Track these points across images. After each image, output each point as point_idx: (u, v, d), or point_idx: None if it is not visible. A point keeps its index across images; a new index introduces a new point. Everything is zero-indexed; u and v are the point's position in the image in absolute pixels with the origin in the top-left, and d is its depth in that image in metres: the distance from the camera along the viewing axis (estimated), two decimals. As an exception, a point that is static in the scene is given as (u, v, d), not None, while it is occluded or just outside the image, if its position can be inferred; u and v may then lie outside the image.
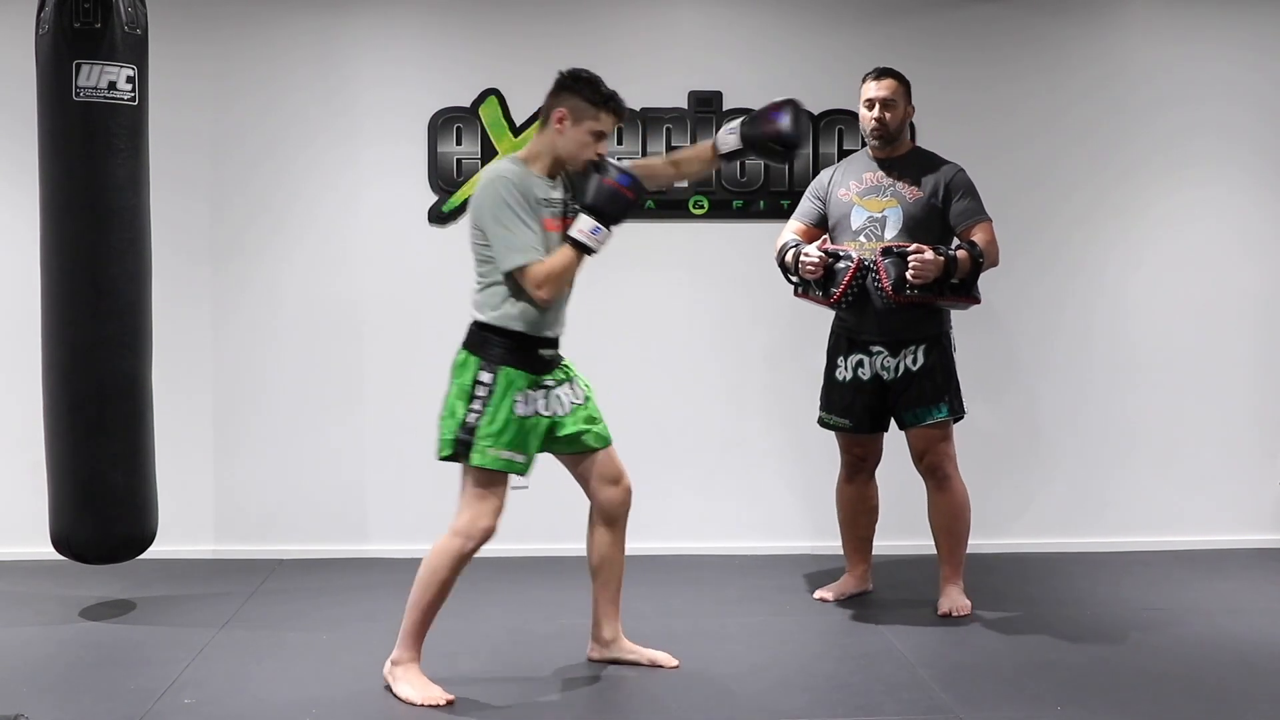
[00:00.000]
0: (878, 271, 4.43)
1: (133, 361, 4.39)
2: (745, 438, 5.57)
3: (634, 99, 5.42)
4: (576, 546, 4.10)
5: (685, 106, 5.48)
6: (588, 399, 3.91)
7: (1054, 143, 5.58)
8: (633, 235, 5.43)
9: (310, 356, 5.45)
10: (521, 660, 4.09)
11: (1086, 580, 5.11)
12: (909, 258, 4.38)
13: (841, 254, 4.51)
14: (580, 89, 3.72)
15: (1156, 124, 5.60)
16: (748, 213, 5.48)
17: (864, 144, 4.75)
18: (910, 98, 4.67)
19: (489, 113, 5.41)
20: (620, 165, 3.77)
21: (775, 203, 5.46)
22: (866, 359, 4.62)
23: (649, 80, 5.43)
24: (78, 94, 4.22)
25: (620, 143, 5.42)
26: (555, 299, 3.71)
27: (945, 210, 4.57)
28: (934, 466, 4.63)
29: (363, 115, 5.43)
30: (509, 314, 3.69)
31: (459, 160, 5.41)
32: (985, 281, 5.54)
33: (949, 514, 4.65)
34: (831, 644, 4.29)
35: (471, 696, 3.77)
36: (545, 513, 4.75)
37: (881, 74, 4.64)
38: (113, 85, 4.26)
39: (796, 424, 5.26)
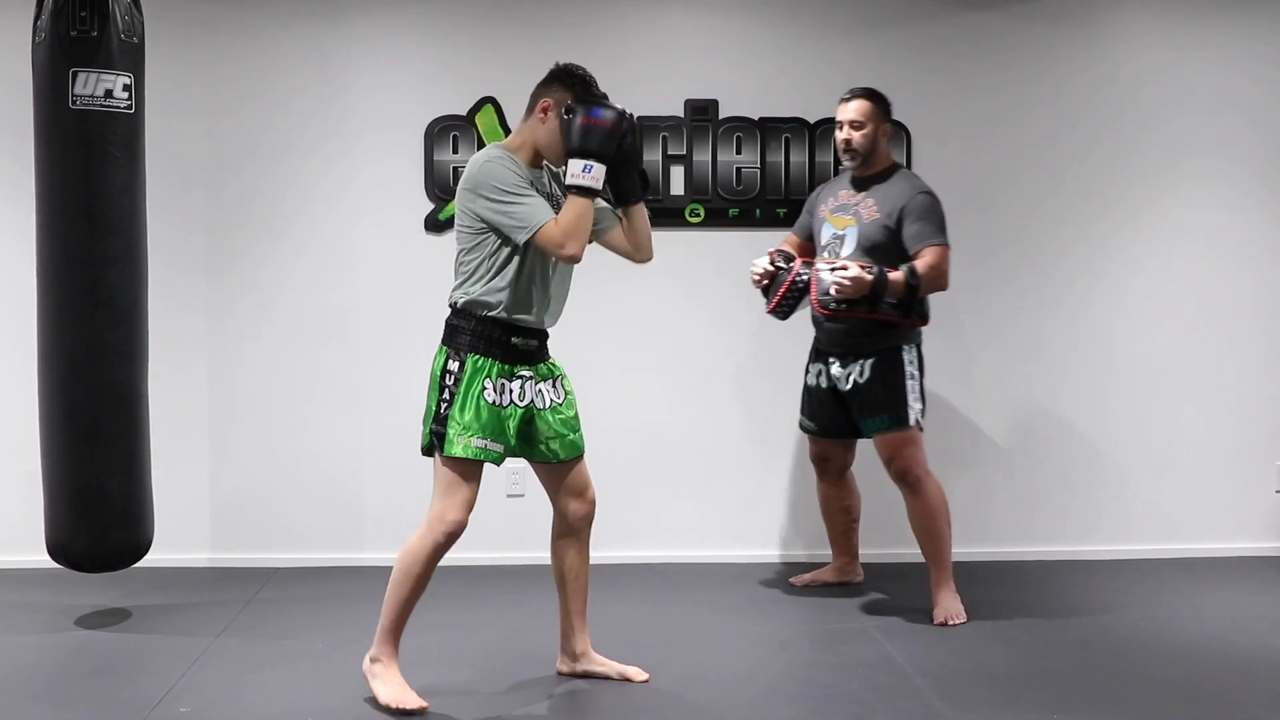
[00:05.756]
0: (809, 285, 4.57)
1: (129, 370, 4.39)
2: (741, 446, 5.57)
3: (630, 107, 5.39)
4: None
5: (681, 114, 5.48)
6: (568, 400, 3.85)
7: (1052, 151, 5.58)
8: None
9: (306, 364, 5.45)
10: (514, 669, 4.08)
11: (1084, 588, 5.10)
12: (832, 273, 4.49)
13: (784, 265, 4.66)
14: (572, 85, 3.69)
15: (1157, 133, 5.60)
16: (744, 221, 5.48)
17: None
18: (886, 117, 4.75)
19: (485, 120, 5.41)
20: (597, 100, 3.66)
21: (771, 211, 5.47)
22: (825, 368, 4.83)
23: (645, 88, 5.44)
24: (74, 102, 4.23)
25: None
26: (581, 251, 3.64)
27: (900, 232, 4.63)
28: (902, 472, 4.71)
29: (359, 123, 5.44)
30: (486, 296, 3.65)
31: (455, 168, 5.41)
32: (989, 289, 5.59)
33: (924, 517, 4.72)
34: (827, 651, 4.28)
35: (462, 704, 3.76)
36: (543, 521, 4.74)
37: (852, 95, 4.76)
38: (109, 93, 4.26)
39: (792, 433, 5.27)
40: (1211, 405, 5.66)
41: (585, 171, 3.60)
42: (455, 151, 5.41)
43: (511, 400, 3.69)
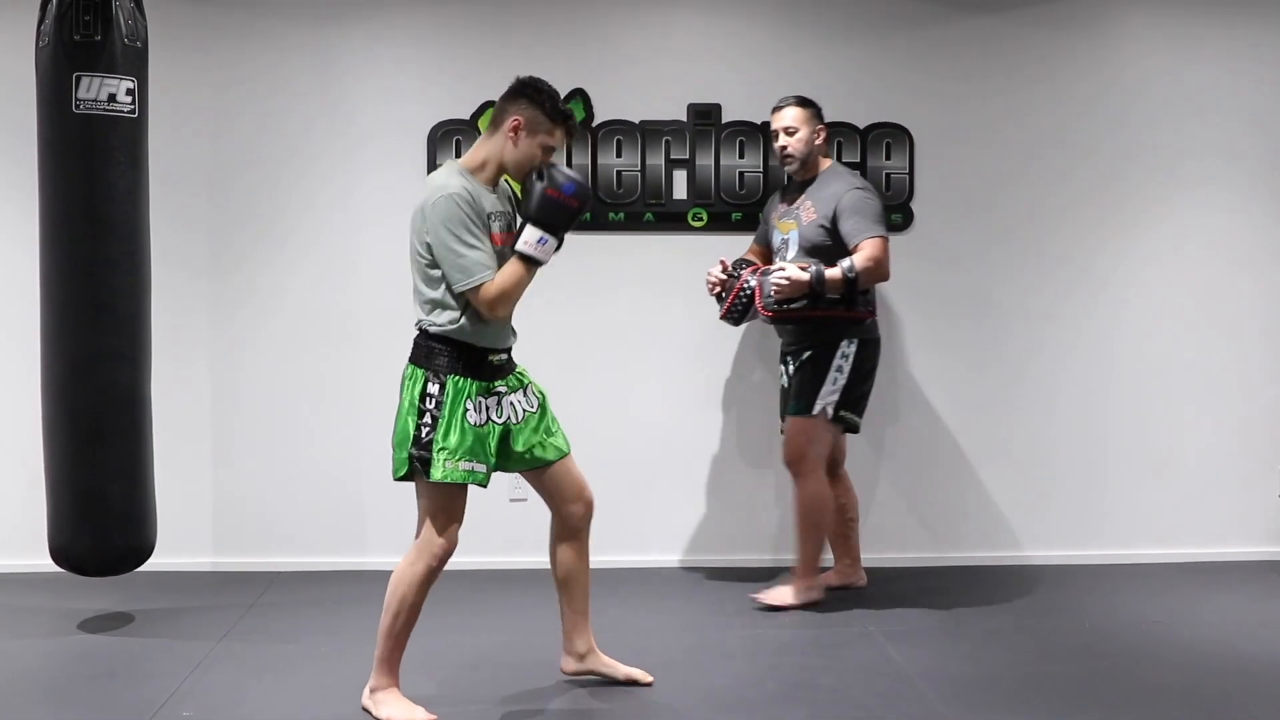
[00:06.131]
0: (755, 290, 4.73)
1: (132, 374, 4.39)
2: (745, 450, 5.56)
3: (633, 111, 5.46)
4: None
5: (684, 119, 5.48)
6: (543, 408, 3.81)
7: (1054, 155, 5.58)
8: (633, 248, 5.47)
9: (309, 368, 5.45)
10: (518, 673, 4.08)
11: (1087, 592, 5.10)
12: (771, 276, 4.65)
13: (734, 272, 4.85)
14: (541, 101, 3.65)
15: (1159, 136, 5.60)
16: (747, 225, 5.46)
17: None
18: (818, 121, 4.93)
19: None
20: (566, 171, 3.65)
21: (774, 215, 5.47)
22: (784, 367, 5.01)
23: (648, 92, 5.45)
24: (77, 106, 4.23)
25: (621, 155, 5.44)
26: (509, 315, 3.64)
27: (838, 231, 4.77)
28: (790, 462, 4.89)
29: (362, 127, 5.44)
30: (455, 327, 3.62)
31: (458, 172, 5.41)
32: (990, 292, 5.58)
33: (797, 510, 4.91)
34: (830, 656, 4.28)
35: (467, 710, 3.76)
36: (545, 525, 4.73)
37: (784, 104, 4.94)
38: (112, 98, 4.26)
39: (795, 436, 5.26)
40: (1213, 409, 5.66)
41: (540, 244, 3.59)
42: (458, 155, 5.40)
43: (490, 418, 3.66)
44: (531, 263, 3.60)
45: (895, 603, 4.91)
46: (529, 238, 3.59)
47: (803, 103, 4.93)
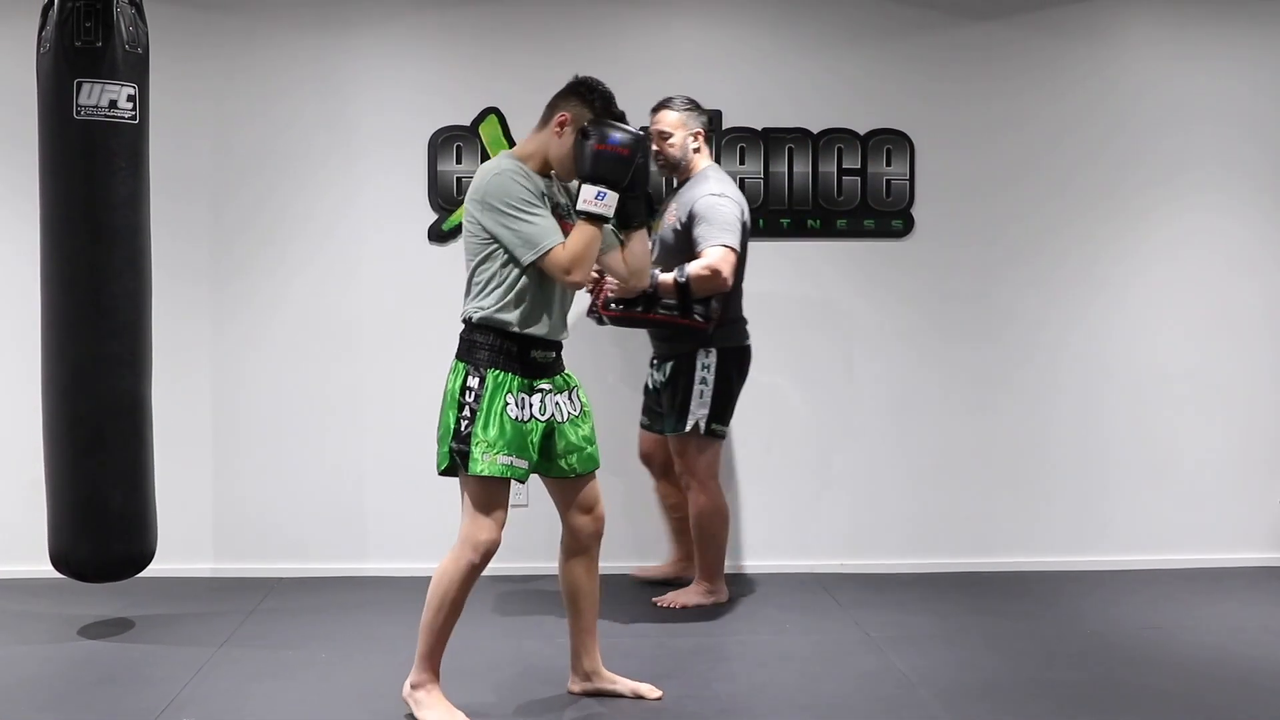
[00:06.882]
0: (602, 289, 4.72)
1: (132, 380, 4.39)
2: (740, 456, 5.56)
3: (634, 118, 5.41)
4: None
5: (685, 125, 5.49)
6: (585, 413, 3.79)
7: (1053, 160, 5.59)
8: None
9: (310, 374, 5.45)
10: (521, 682, 4.08)
11: (1087, 598, 5.10)
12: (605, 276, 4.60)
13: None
14: (591, 100, 3.66)
15: (1158, 141, 5.61)
16: (747, 231, 5.48)
17: None
18: (693, 123, 4.89)
19: (489, 131, 5.42)
20: (612, 123, 3.62)
21: (775, 221, 5.47)
22: (651, 370, 5.03)
23: (648, 100, 5.41)
24: (79, 112, 4.23)
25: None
26: (585, 279, 3.63)
27: (690, 235, 4.74)
28: (682, 474, 4.92)
29: (363, 133, 5.44)
30: (501, 313, 3.60)
31: (459, 179, 5.42)
32: (990, 297, 5.57)
33: (694, 522, 4.91)
34: (831, 663, 4.28)
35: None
36: (546, 531, 4.73)
37: (658, 107, 4.92)
38: (113, 104, 4.27)
39: (792, 443, 5.25)
40: (1213, 414, 5.66)
41: (598, 199, 3.57)
42: (459, 162, 5.41)
43: (532, 415, 3.63)
44: (596, 220, 3.59)
45: (896, 609, 4.90)
46: (586, 195, 3.58)
47: (680, 105, 4.89)
